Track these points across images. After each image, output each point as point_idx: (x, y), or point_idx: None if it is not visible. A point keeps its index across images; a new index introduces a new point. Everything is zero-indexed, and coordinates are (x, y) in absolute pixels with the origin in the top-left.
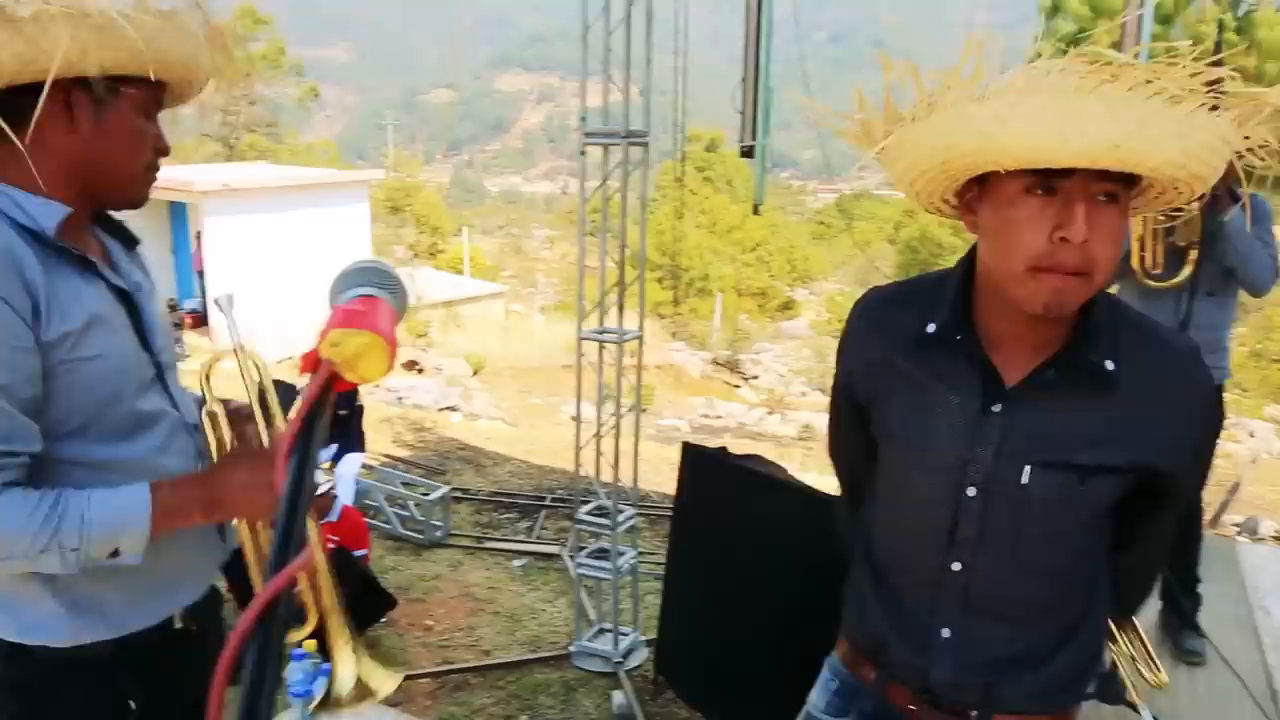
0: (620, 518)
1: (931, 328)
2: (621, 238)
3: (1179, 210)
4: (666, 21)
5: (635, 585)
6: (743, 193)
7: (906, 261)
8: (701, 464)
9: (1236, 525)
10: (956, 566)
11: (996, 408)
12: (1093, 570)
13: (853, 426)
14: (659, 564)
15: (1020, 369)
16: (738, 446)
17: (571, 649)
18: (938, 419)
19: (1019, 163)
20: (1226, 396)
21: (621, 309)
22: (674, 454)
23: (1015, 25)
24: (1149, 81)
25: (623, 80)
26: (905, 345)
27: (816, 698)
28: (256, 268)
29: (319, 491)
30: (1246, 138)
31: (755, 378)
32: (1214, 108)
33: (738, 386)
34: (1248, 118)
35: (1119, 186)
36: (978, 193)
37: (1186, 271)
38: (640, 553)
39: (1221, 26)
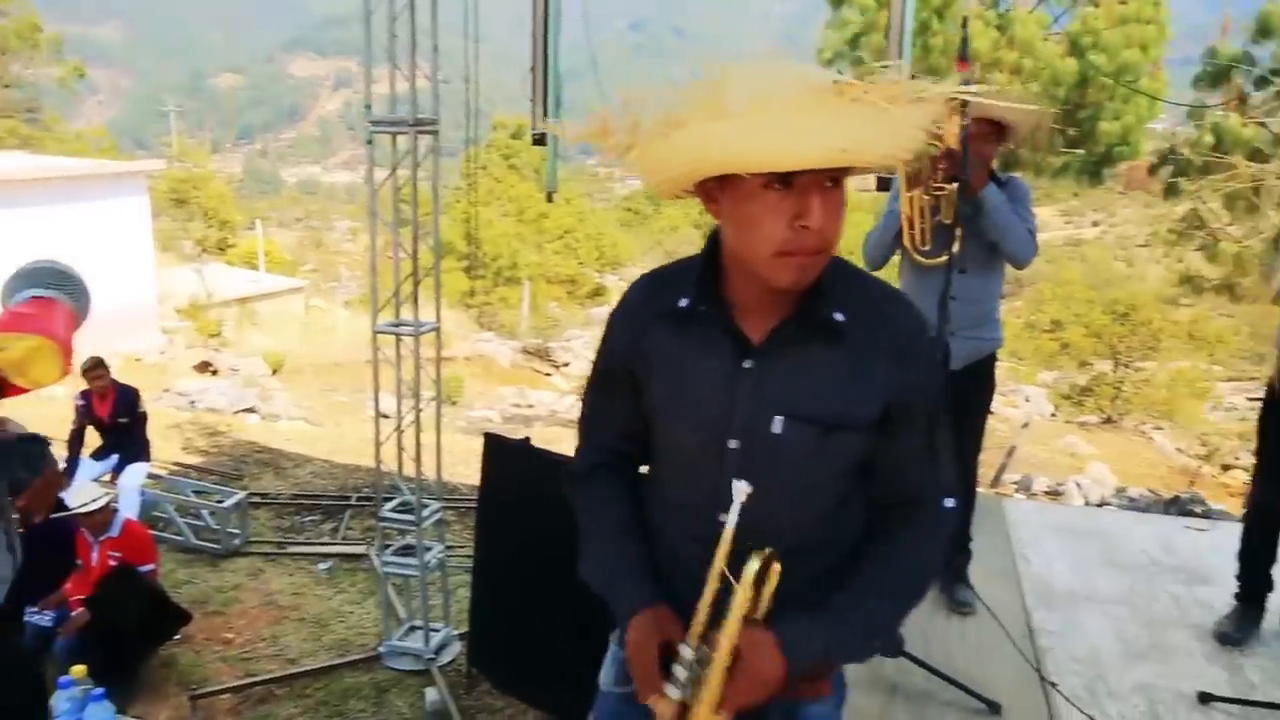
0: (425, 513)
1: (684, 303)
2: (414, 228)
3: (942, 189)
4: (458, 6)
5: (444, 580)
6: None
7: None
8: (503, 454)
9: (1015, 483)
10: (722, 518)
11: (747, 364)
12: (854, 513)
13: (623, 395)
14: (469, 557)
15: (765, 330)
16: (550, 434)
17: (382, 650)
18: (698, 381)
19: (762, 169)
20: (1003, 365)
21: (417, 301)
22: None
23: (808, 15)
24: (865, 94)
25: (417, 67)
26: (667, 321)
27: (605, 673)
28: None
29: (95, 506)
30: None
31: (566, 365)
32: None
33: (549, 374)
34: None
35: (840, 172)
36: (718, 184)
37: (955, 250)
38: (449, 547)
39: (965, 23)
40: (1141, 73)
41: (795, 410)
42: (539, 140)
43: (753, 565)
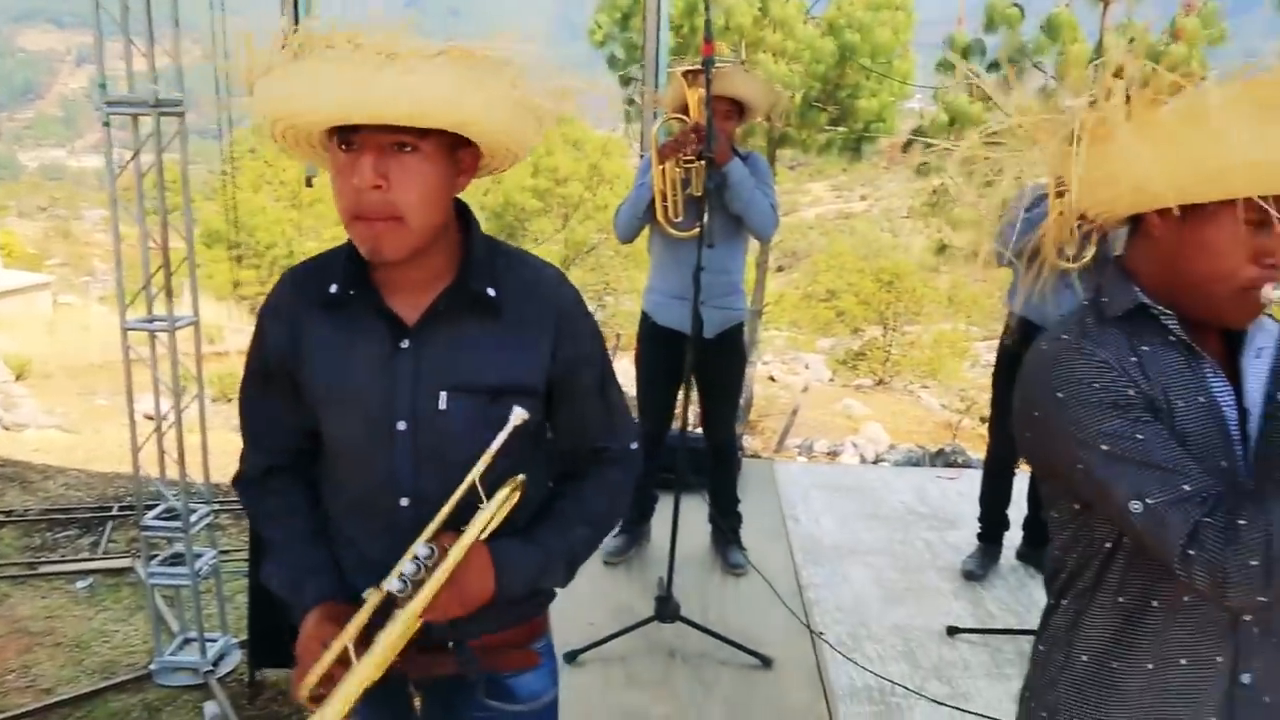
0: (193, 518)
1: (333, 289)
2: (163, 216)
3: (692, 162)
4: None
5: (219, 587)
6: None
7: (493, 228)
8: None
9: (797, 446)
10: (405, 502)
11: (405, 344)
12: (535, 474)
13: (284, 394)
14: (247, 560)
15: (419, 308)
16: None
17: (153, 667)
18: (358, 367)
19: (318, 121)
20: (783, 334)
21: (170, 293)
22: None
23: None
24: (428, 55)
25: (167, 44)
26: (321, 310)
27: None
28: None
29: None
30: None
31: None
32: None
33: None
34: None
35: (413, 138)
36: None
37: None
38: (224, 551)
39: (708, 6)
40: (893, 55)
41: (458, 384)
42: None
43: (505, 490)
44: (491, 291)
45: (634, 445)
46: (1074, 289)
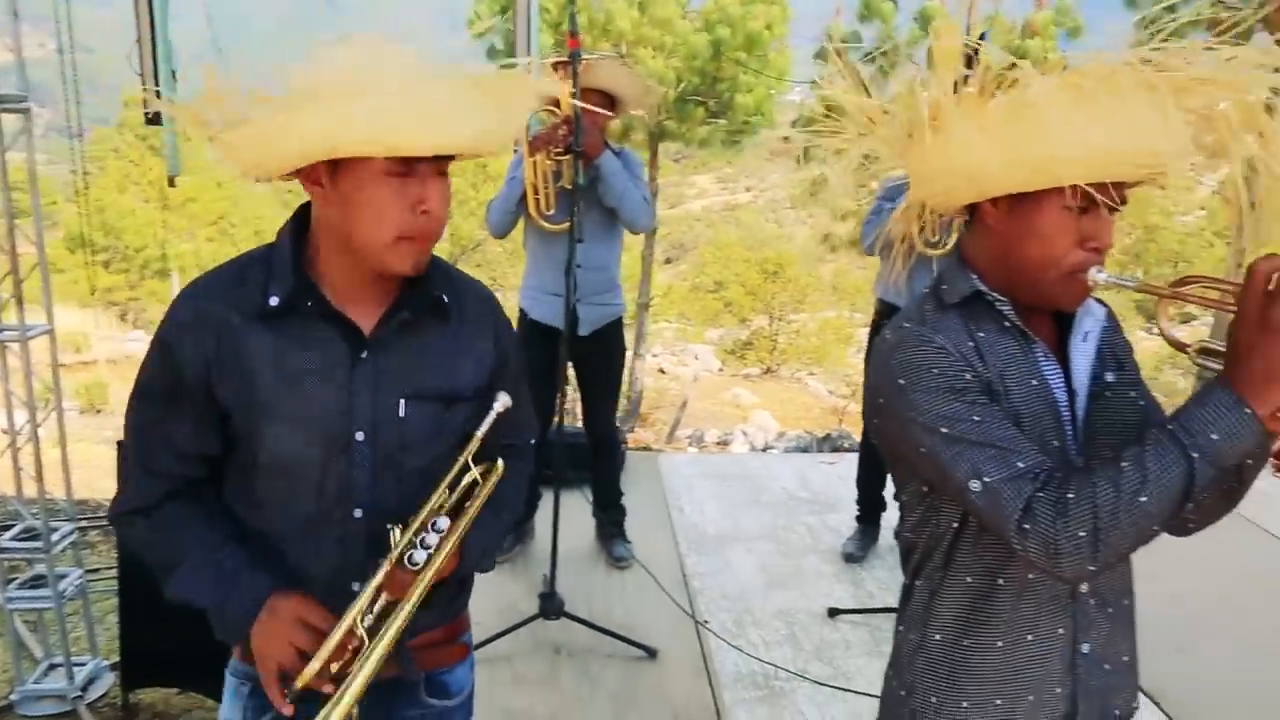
0: (55, 536)
1: (275, 300)
2: (9, 219)
3: (564, 155)
4: None
5: (87, 608)
6: (192, 162)
7: None
8: None
9: (688, 437)
10: (359, 514)
11: (364, 354)
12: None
13: (191, 416)
14: (117, 578)
15: (374, 316)
16: None
17: (14, 697)
18: (310, 379)
19: (399, 153)
20: (673, 326)
21: (21, 301)
22: None
23: None
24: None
25: (9, 38)
26: (257, 323)
27: (229, 711)
28: None
29: None
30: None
31: None
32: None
33: None
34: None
35: (450, 159)
36: (328, 168)
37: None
38: (91, 570)
39: (573, 16)
40: (768, 48)
41: (417, 391)
42: (153, 119)
43: (494, 473)
44: (446, 298)
45: (533, 440)
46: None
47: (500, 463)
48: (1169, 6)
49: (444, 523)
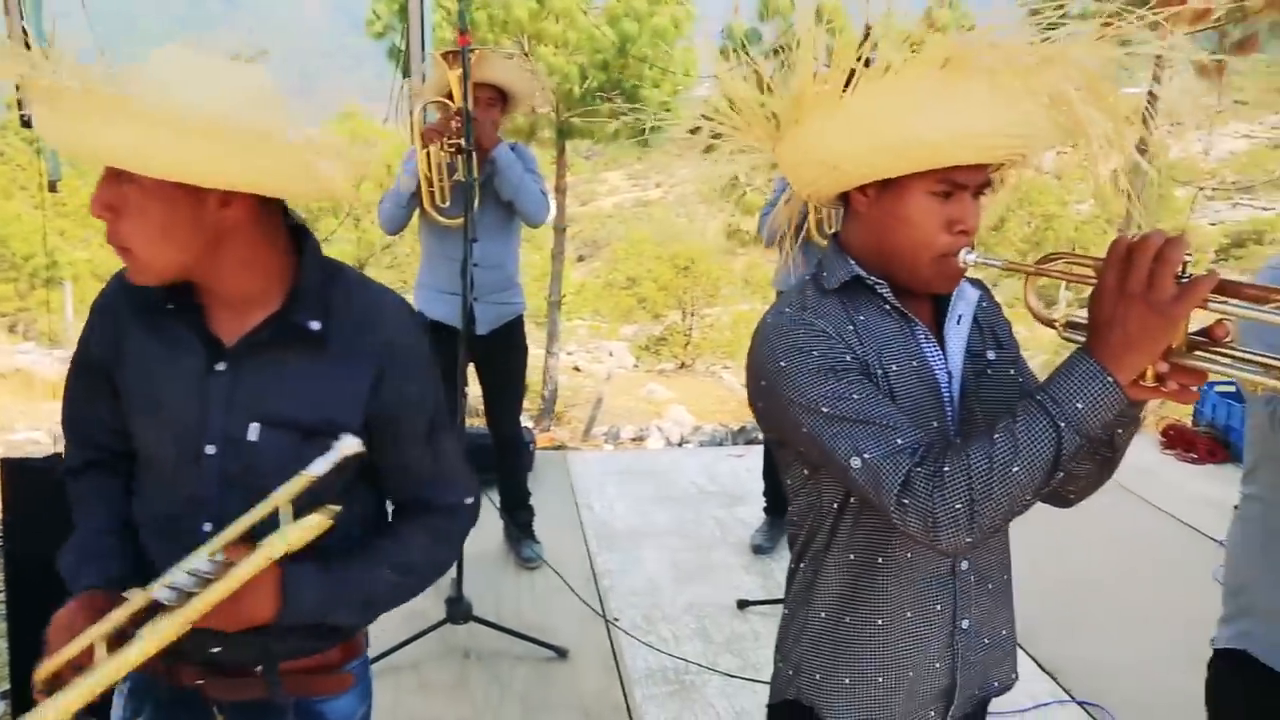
0: None
1: (156, 298)
2: None
3: (458, 146)
4: None
5: None
6: (85, 167)
7: None
8: (25, 477)
9: (604, 434)
10: (208, 527)
11: (220, 366)
12: (352, 511)
13: (103, 393)
14: (4, 602)
15: (239, 331)
16: None
17: None
18: (171, 383)
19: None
20: (586, 323)
21: None
22: None
23: None
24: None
25: None
26: (140, 318)
27: (115, 713)
28: None
29: None
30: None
31: None
32: None
33: None
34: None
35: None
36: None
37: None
38: None
39: (463, 14)
40: (674, 44)
41: (271, 417)
42: (28, 122)
43: (315, 516)
44: (316, 325)
45: (469, 500)
46: None
47: (335, 508)
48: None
49: (203, 564)
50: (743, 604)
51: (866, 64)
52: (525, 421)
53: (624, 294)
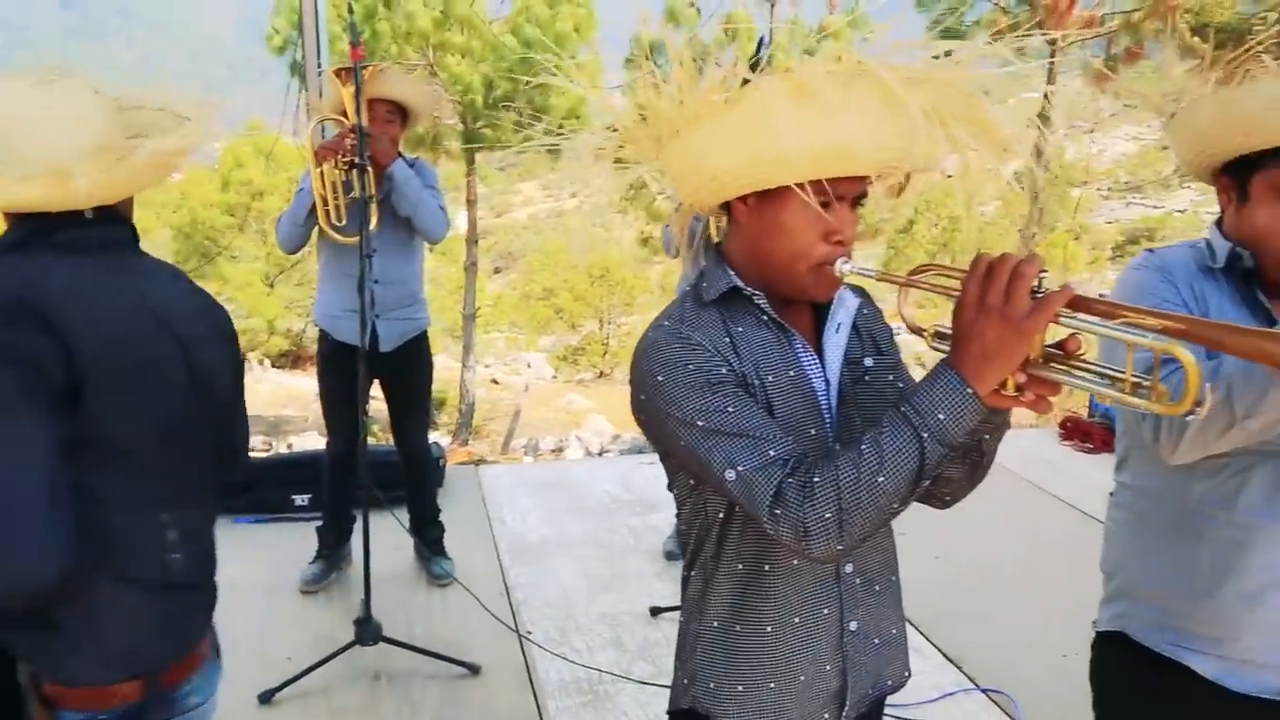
0: None
1: None
2: None
3: (353, 165)
4: None
5: None
6: None
7: (183, 249)
8: None
9: (523, 447)
10: None
11: None
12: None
13: None
14: None
15: None
16: None
17: None
18: None
19: None
20: (503, 334)
21: None
22: None
23: None
24: None
25: None
26: None
27: None
28: None
29: None
30: None
31: None
32: None
33: None
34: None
35: None
36: None
37: (373, 226)
38: None
39: (351, 9)
40: (577, 51)
41: None
42: None
43: None
44: None
45: None
46: None
47: None
48: (952, 10)
49: None
50: (655, 611)
51: (754, 69)
52: (443, 437)
53: (541, 305)
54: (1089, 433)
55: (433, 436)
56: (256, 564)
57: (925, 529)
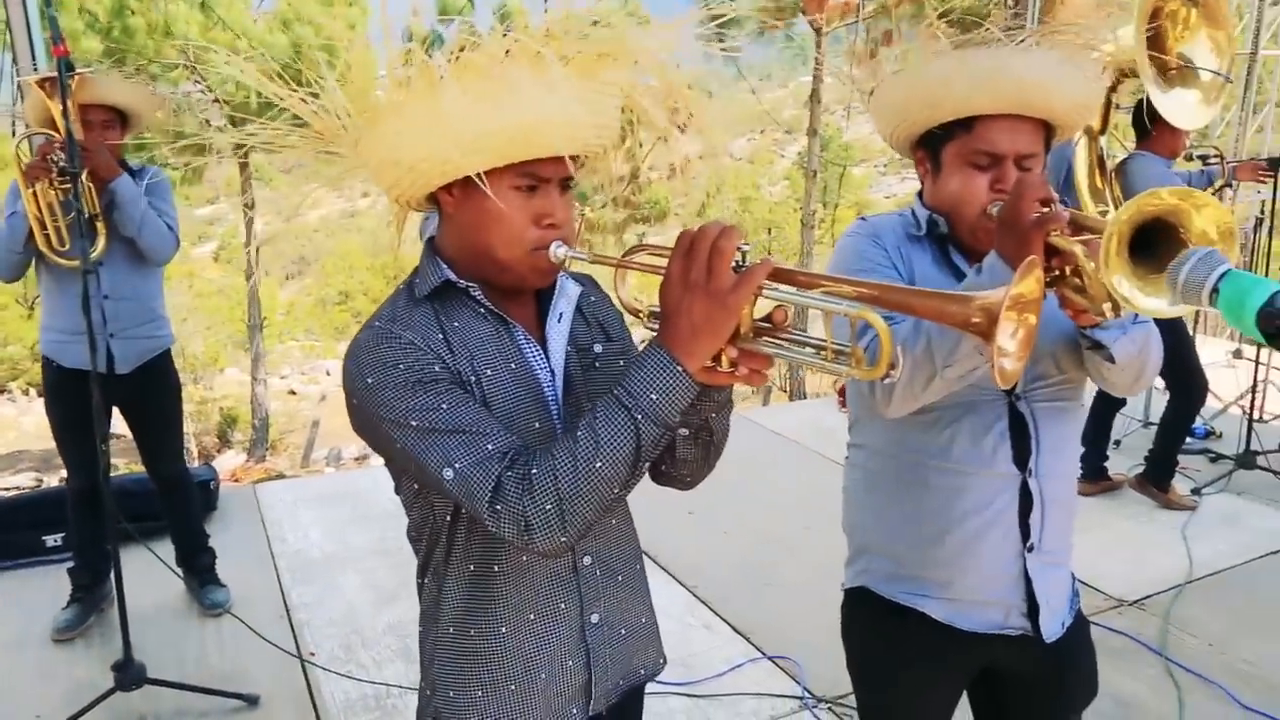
0: None
1: None
2: None
3: (68, 182)
4: None
5: None
6: None
7: None
8: None
9: (325, 458)
10: None
11: None
12: None
13: None
14: None
15: None
16: None
17: None
18: None
19: None
20: (301, 343)
21: None
22: None
23: None
24: None
25: None
26: None
27: None
28: None
29: None
30: None
31: None
32: None
33: None
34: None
35: None
36: None
37: (100, 246)
38: None
39: (51, 3)
40: (350, 47)
41: None
42: None
43: None
44: None
45: None
46: None
47: None
48: None
49: None
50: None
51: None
52: (238, 455)
53: (337, 310)
54: None
55: (228, 456)
56: None
57: (713, 506)
